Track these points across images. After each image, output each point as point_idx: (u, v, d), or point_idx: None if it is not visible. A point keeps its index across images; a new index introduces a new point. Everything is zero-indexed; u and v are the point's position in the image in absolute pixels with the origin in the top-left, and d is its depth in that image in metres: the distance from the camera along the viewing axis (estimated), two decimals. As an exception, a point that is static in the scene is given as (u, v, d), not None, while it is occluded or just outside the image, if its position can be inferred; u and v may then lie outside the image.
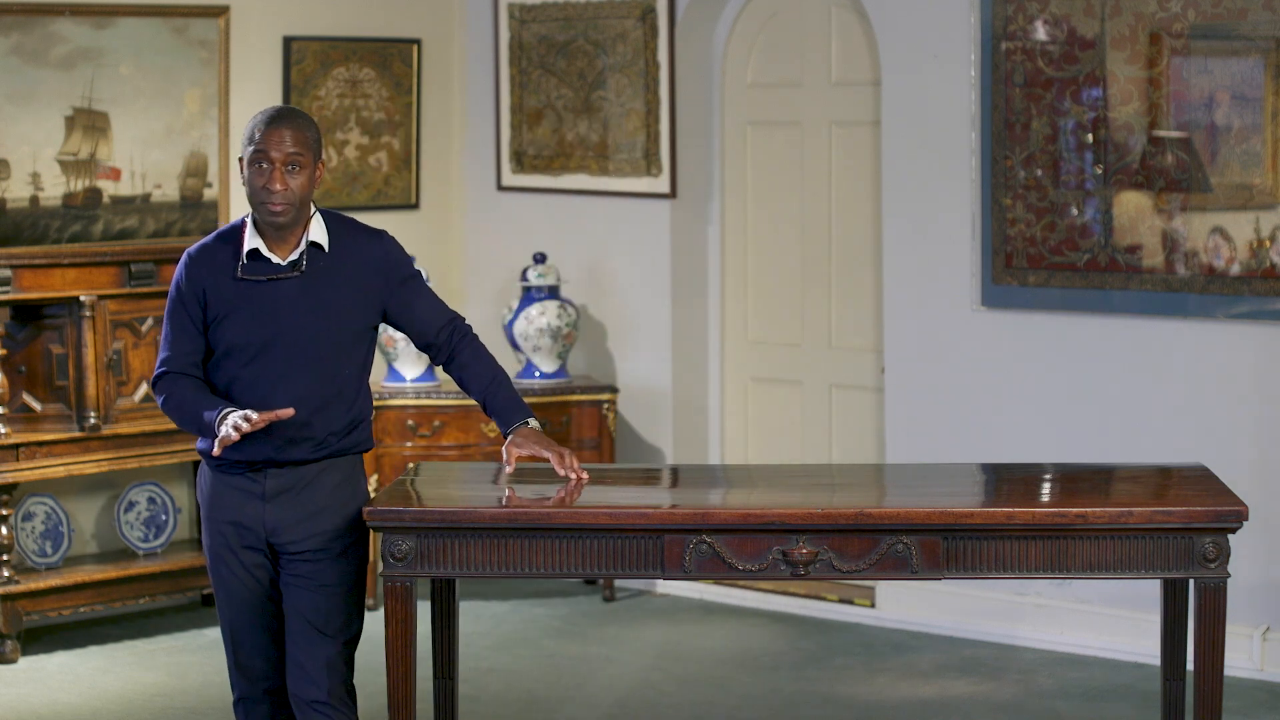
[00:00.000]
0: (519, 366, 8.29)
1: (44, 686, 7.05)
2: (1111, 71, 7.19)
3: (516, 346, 8.25)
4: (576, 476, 5.18)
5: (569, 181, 8.61)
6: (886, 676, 7.10)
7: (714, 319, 8.49)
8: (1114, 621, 7.29)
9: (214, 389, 5.00)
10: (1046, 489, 5.32)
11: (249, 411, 4.84)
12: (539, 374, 8.21)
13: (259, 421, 4.83)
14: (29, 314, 7.47)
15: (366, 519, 4.84)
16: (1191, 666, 4.97)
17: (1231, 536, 4.86)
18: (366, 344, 5.05)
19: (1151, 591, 6.88)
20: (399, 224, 8.21)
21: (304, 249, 4.95)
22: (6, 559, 7.31)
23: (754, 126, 8.39)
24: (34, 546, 7.59)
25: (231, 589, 5.02)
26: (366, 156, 8.57)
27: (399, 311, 5.09)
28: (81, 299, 7.44)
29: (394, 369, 8.09)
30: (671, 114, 8.30)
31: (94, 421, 7.45)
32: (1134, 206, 7.19)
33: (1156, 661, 6.09)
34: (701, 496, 5.40)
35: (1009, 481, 5.40)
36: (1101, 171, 7.25)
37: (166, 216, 8.00)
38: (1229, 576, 4.84)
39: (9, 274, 7.27)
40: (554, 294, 8.28)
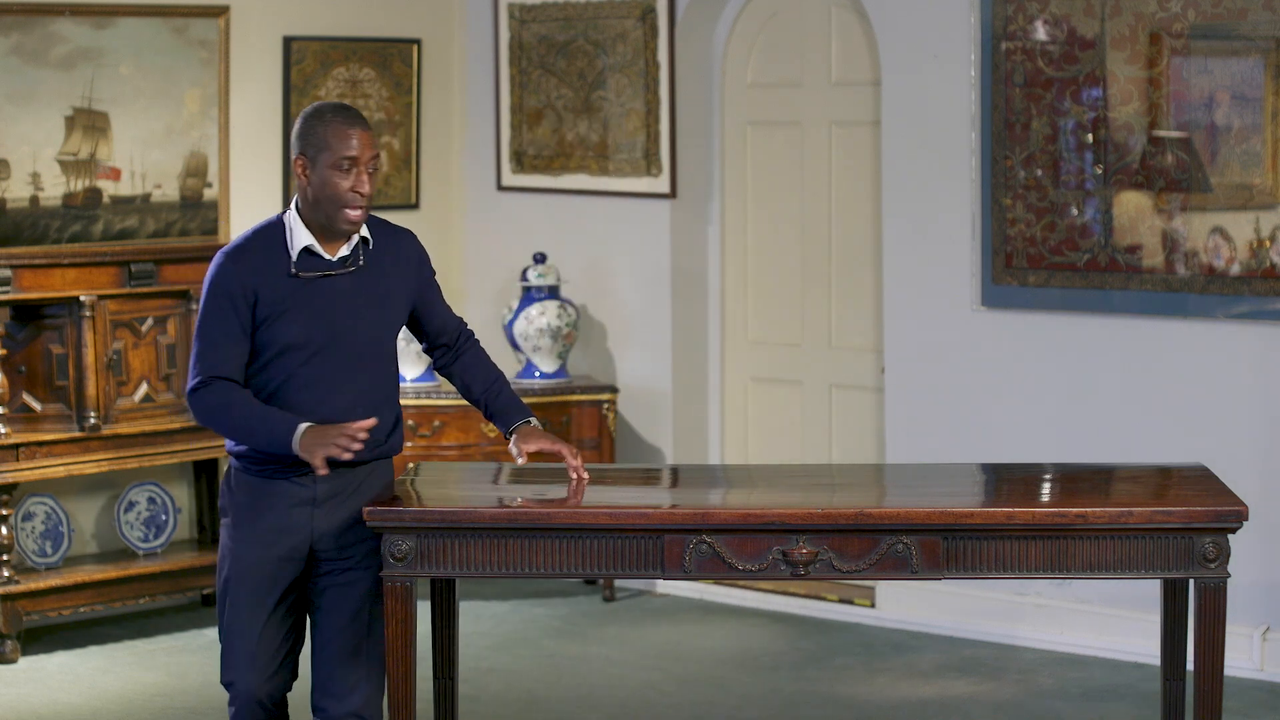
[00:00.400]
0: (519, 366, 8.29)
1: (44, 686, 7.05)
2: (1111, 71, 7.19)
3: (516, 346, 8.26)
4: (578, 476, 5.17)
5: (569, 181, 8.61)
6: (886, 676, 7.10)
7: (714, 319, 8.49)
8: (1114, 621, 7.29)
9: (255, 391, 4.90)
10: (1046, 489, 5.32)
11: (345, 427, 4.79)
12: (539, 374, 8.21)
13: (363, 436, 4.79)
14: (29, 314, 7.47)
15: (367, 519, 4.84)
16: (1191, 666, 4.97)
17: (1231, 536, 4.86)
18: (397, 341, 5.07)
19: (1151, 591, 6.88)
20: (399, 224, 8.20)
21: (356, 245, 4.92)
22: (6, 559, 7.32)
23: (754, 126, 8.39)
24: (34, 546, 7.59)
25: (260, 596, 4.90)
26: (366, 156, 8.57)
27: (423, 309, 5.07)
28: (81, 299, 7.44)
29: (394, 369, 8.09)
30: (671, 114, 8.30)
31: (94, 421, 7.45)
32: (1134, 206, 7.19)
33: (1156, 661, 6.09)
34: (701, 496, 5.40)
35: (1009, 481, 5.40)
36: (1101, 171, 7.25)
37: (166, 216, 8.00)
38: (1229, 576, 4.84)
39: (9, 274, 7.27)
40: (554, 294, 8.28)
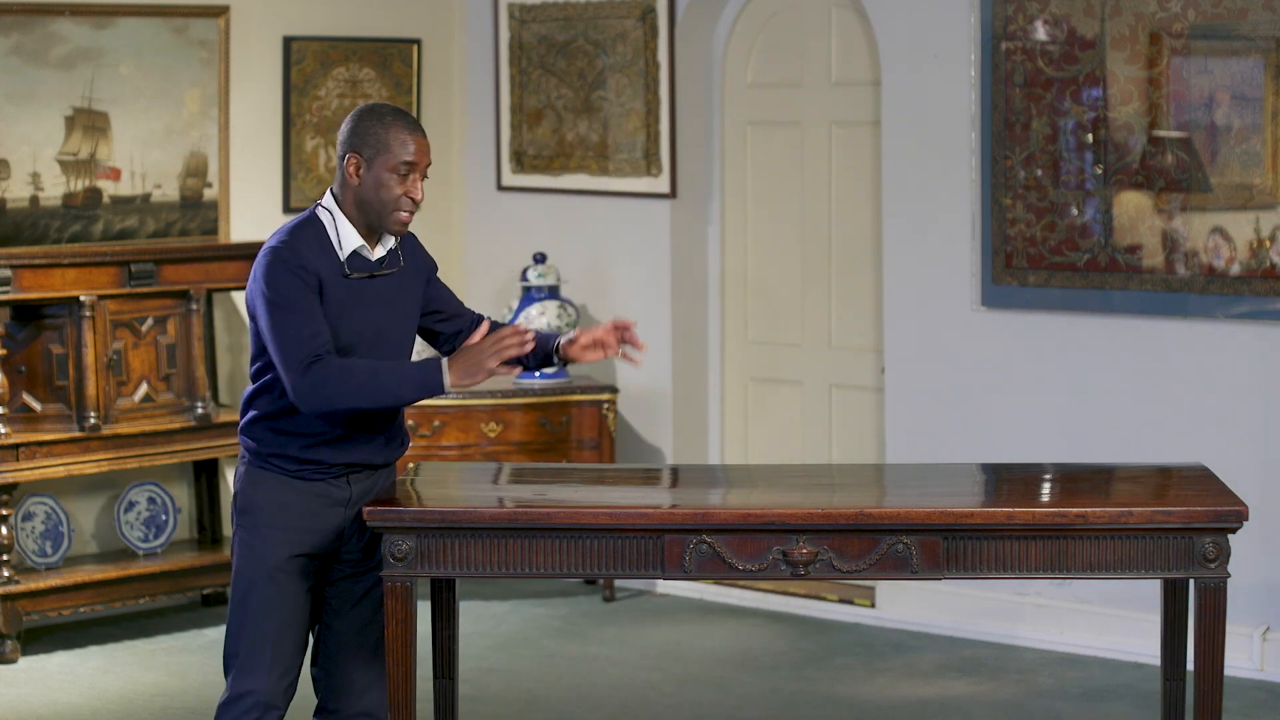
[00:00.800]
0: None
1: (44, 686, 7.05)
2: (1111, 71, 7.19)
3: (516, 346, 8.25)
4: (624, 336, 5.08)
5: (569, 181, 8.61)
6: (886, 676, 7.10)
7: (714, 319, 8.49)
8: (1114, 621, 7.29)
9: (283, 387, 4.80)
10: (1046, 489, 5.32)
11: (493, 340, 4.79)
12: (539, 374, 8.21)
13: (529, 337, 4.81)
14: (29, 314, 7.47)
15: (367, 519, 4.84)
16: (1191, 666, 4.97)
17: (1231, 536, 4.85)
18: None
19: (1151, 591, 6.88)
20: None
21: (392, 245, 4.90)
22: (6, 559, 7.31)
23: (754, 126, 8.39)
24: (34, 546, 7.59)
25: (289, 598, 4.86)
26: (366, 156, 8.57)
27: (438, 301, 5.04)
28: (81, 299, 7.44)
29: (394, 369, 8.09)
30: (671, 114, 8.30)
31: (94, 421, 7.45)
32: (1134, 206, 7.19)
33: (1156, 661, 6.08)
34: (701, 496, 5.40)
35: (1009, 481, 5.40)
36: (1101, 171, 7.25)
37: (166, 216, 8.00)
38: (1229, 576, 4.84)
39: (9, 274, 7.27)
40: (554, 294, 8.28)
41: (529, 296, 8.28)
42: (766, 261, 8.37)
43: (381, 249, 4.88)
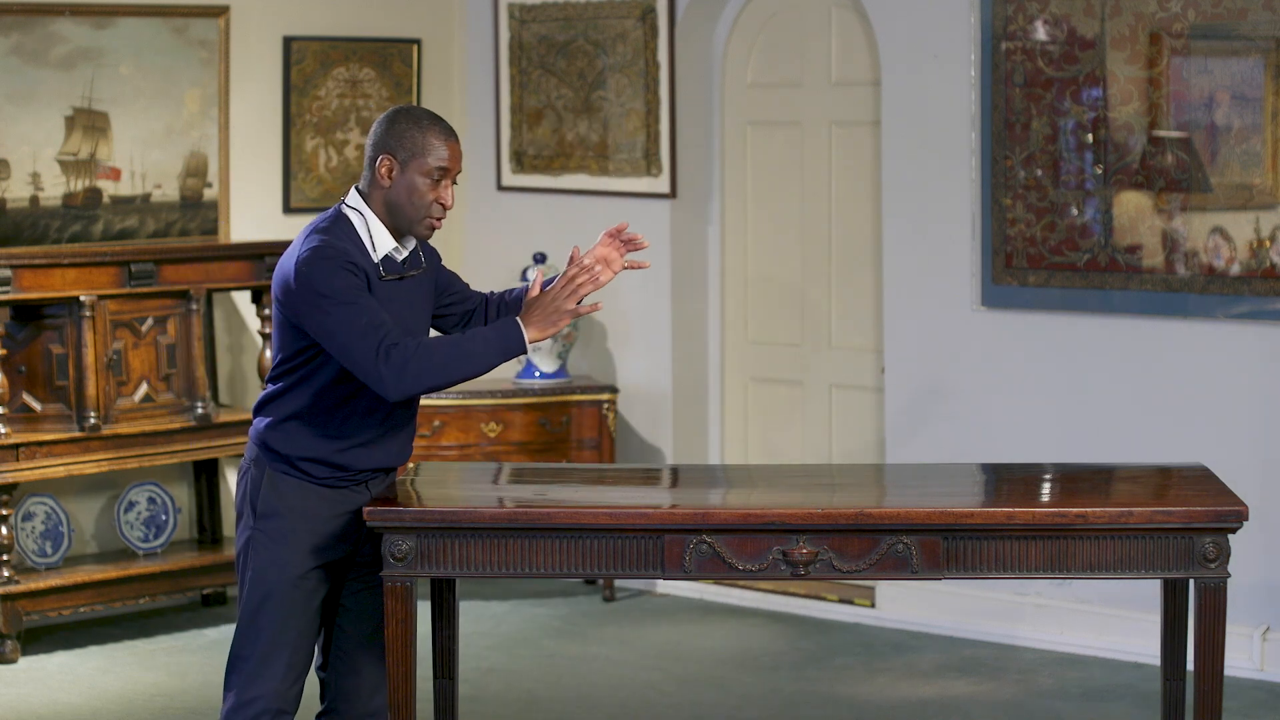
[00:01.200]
0: (519, 366, 8.29)
1: (44, 686, 7.05)
2: (1111, 71, 7.19)
3: (516, 346, 8.25)
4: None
5: (569, 181, 8.61)
6: (886, 676, 7.10)
7: (714, 319, 8.49)
8: (1114, 621, 7.29)
9: (313, 388, 4.79)
10: (1046, 489, 5.32)
11: (565, 286, 4.83)
12: (539, 374, 8.21)
13: (598, 270, 4.86)
14: (29, 314, 7.47)
15: (367, 519, 4.84)
16: (1191, 666, 4.97)
17: (1231, 536, 4.85)
18: None
19: (1151, 591, 6.88)
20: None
21: (415, 246, 4.89)
22: (6, 559, 7.31)
23: (754, 126, 8.39)
24: (34, 546, 7.59)
25: (307, 604, 4.85)
26: (366, 156, 8.57)
27: (447, 285, 5.03)
28: (81, 299, 7.44)
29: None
30: (671, 114, 8.30)
31: (94, 421, 7.45)
32: (1134, 206, 7.19)
33: (1156, 661, 6.08)
34: (701, 496, 5.39)
35: (1009, 481, 5.40)
36: (1101, 171, 7.25)
37: (166, 216, 8.00)
38: (1229, 576, 4.84)
39: (9, 274, 7.27)
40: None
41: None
42: (766, 262, 8.37)
43: (405, 251, 4.87)
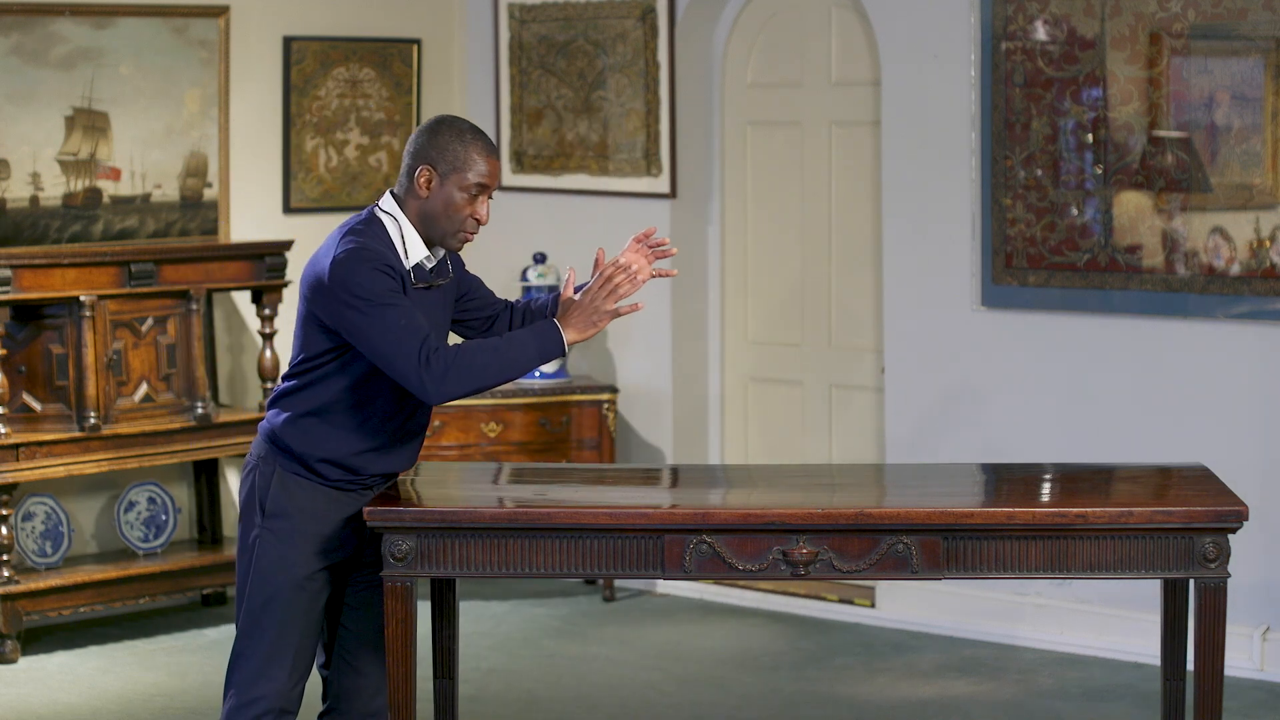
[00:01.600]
0: (519, 366, 8.28)
1: (44, 686, 7.05)
2: (1111, 71, 7.19)
3: (516, 346, 8.25)
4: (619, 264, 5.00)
5: (569, 181, 8.61)
6: (886, 676, 7.10)
7: (714, 319, 8.49)
8: (1114, 621, 7.29)
9: (335, 389, 4.78)
10: (1046, 489, 5.32)
11: (603, 287, 4.82)
12: (539, 374, 8.21)
13: (636, 270, 4.86)
14: (29, 314, 7.47)
15: (367, 519, 4.84)
16: (1191, 666, 4.97)
17: (1231, 536, 4.85)
18: None
19: (1151, 591, 6.88)
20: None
21: (444, 254, 4.89)
22: (6, 559, 7.31)
23: (754, 126, 8.39)
24: (34, 546, 7.59)
25: (313, 605, 4.86)
26: (366, 156, 8.57)
27: (469, 291, 5.01)
28: (81, 299, 7.44)
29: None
30: (671, 114, 8.30)
31: (94, 421, 7.45)
32: (1134, 206, 7.19)
33: (1156, 661, 6.08)
34: (701, 496, 5.39)
35: (1009, 481, 5.40)
36: (1101, 171, 7.25)
37: (166, 216, 8.00)
38: (1229, 576, 4.83)
39: (9, 274, 7.27)
40: (554, 294, 8.28)
41: (529, 296, 8.26)
42: (766, 261, 8.37)
43: (435, 260, 4.87)
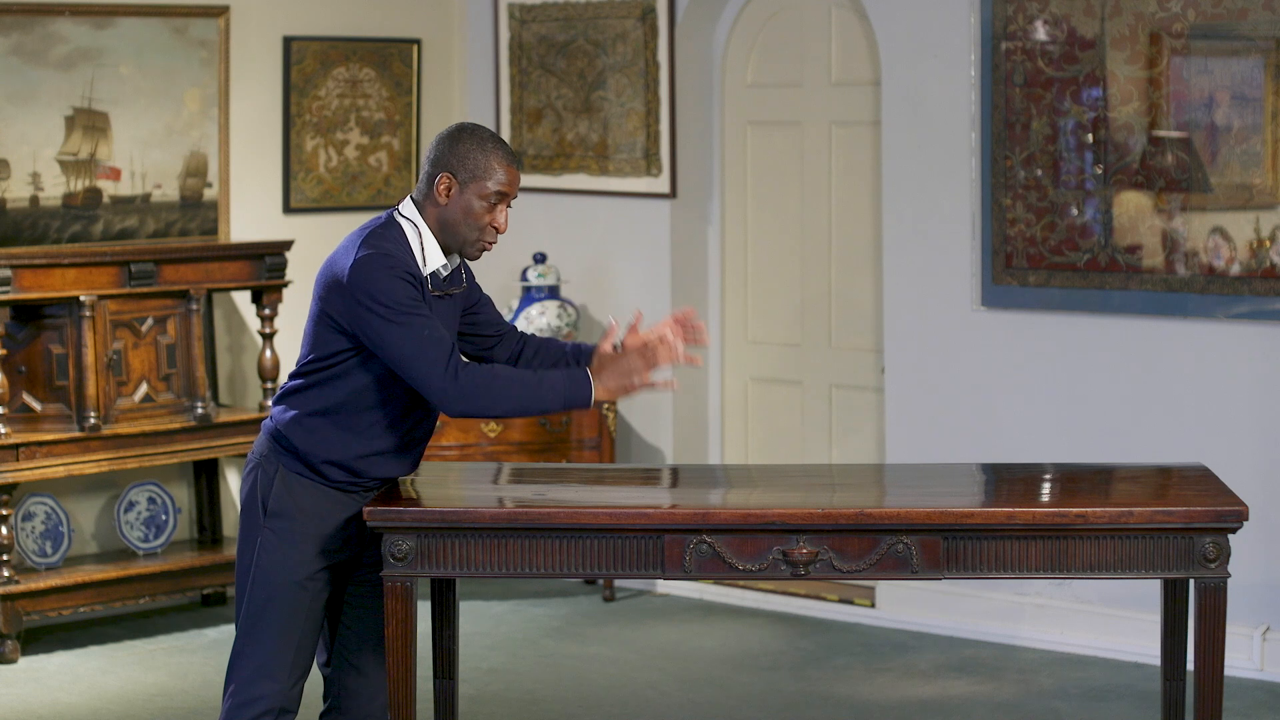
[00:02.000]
0: (519, 366, 8.29)
1: (44, 686, 7.05)
2: (1111, 71, 7.19)
3: (516, 346, 8.25)
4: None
5: (569, 181, 8.61)
6: (886, 676, 7.10)
7: (714, 319, 8.49)
8: (1114, 621, 7.29)
9: (343, 391, 4.78)
10: (1046, 489, 5.32)
11: (640, 352, 4.80)
12: (539, 374, 8.20)
13: (676, 344, 4.84)
14: (29, 314, 7.47)
15: (367, 519, 4.84)
16: (1191, 666, 4.97)
17: (1231, 536, 4.85)
18: None
19: (1151, 591, 6.88)
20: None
21: (459, 262, 4.89)
22: (6, 559, 7.32)
23: (754, 126, 8.39)
24: (34, 546, 7.59)
25: (314, 604, 4.87)
26: (366, 156, 8.58)
27: (477, 306, 5.01)
28: (81, 299, 7.44)
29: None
30: (671, 114, 8.30)
31: (94, 421, 7.45)
32: (1134, 206, 7.19)
33: (1156, 661, 6.08)
34: (701, 496, 5.39)
35: (1009, 481, 5.40)
36: (1101, 171, 7.25)
37: (166, 216, 8.00)
38: (1229, 576, 4.83)
39: (9, 274, 7.27)
40: (554, 294, 8.28)
41: (529, 296, 8.28)
42: (766, 261, 8.37)
43: (451, 268, 4.87)
